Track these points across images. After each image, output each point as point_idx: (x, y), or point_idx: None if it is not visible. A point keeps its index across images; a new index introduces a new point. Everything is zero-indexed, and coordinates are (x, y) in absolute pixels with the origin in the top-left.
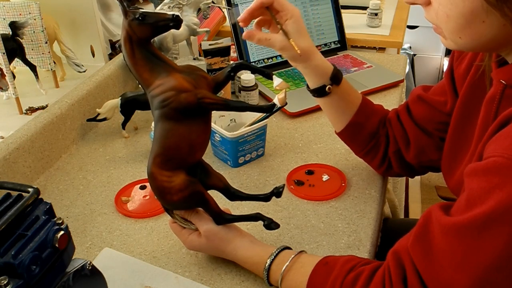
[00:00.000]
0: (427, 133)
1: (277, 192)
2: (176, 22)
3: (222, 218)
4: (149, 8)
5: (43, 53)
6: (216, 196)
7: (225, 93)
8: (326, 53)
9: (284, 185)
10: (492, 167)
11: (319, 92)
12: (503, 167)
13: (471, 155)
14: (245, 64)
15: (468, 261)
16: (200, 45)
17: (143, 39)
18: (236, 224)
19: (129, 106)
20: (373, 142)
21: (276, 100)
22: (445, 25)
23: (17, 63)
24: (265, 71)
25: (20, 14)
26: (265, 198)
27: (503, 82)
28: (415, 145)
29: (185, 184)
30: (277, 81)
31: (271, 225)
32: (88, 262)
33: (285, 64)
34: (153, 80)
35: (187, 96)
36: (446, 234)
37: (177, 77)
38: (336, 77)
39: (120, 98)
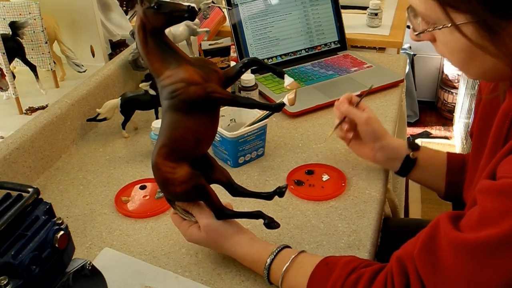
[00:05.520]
0: None
1: (279, 192)
2: (191, 13)
3: (223, 213)
4: None
5: (43, 53)
6: (219, 191)
7: None
8: (326, 53)
9: (287, 185)
10: (506, 189)
11: (407, 164)
12: None
13: (481, 169)
14: (257, 60)
15: (477, 279)
16: (200, 45)
17: (157, 28)
18: (237, 221)
19: (129, 106)
20: None
21: (285, 100)
22: (452, 60)
23: (17, 63)
24: (277, 69)
25: (20, 14)
26: (268, 196)
27: None
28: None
29: (188, 177)
30: (288, 80)
31: (271, 224)
32: (88, 262)
33: (285, 64)
34: (164, 70)
35: (196, 89)
36: (455, 249)
37: (188, 69)
38: (413, 144)
39: (120, 98)
